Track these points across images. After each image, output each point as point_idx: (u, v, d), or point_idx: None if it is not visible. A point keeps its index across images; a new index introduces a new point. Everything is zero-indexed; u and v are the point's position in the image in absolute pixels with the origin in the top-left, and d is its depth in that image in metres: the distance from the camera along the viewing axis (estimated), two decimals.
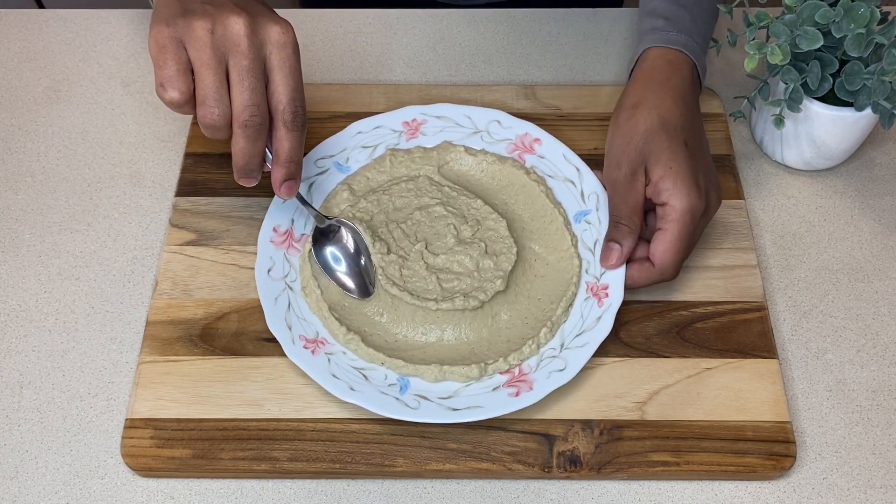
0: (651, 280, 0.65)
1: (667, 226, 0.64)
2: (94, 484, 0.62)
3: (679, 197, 0.64)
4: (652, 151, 0.65)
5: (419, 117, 0.75)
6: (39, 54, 0.85)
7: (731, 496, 0.62)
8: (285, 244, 0.68)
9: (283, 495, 0.62)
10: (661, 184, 0.65)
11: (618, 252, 0.66)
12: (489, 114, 0.75)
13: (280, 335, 0.63)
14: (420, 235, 0.69)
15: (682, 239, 0.64)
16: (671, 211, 0.64)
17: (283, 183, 0.62)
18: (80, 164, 0.77)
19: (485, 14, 0.89)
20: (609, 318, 0.65)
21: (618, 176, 0.66)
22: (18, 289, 0.70)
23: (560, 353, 0.64)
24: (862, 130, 0.72)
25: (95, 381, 0.66)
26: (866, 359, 0.67)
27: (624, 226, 0.66)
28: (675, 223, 0.64)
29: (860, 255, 0.72)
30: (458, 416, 0.61)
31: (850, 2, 0.65)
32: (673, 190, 0.64)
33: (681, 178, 0.64)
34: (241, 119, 0.58)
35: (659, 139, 0.65)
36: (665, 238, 0.64)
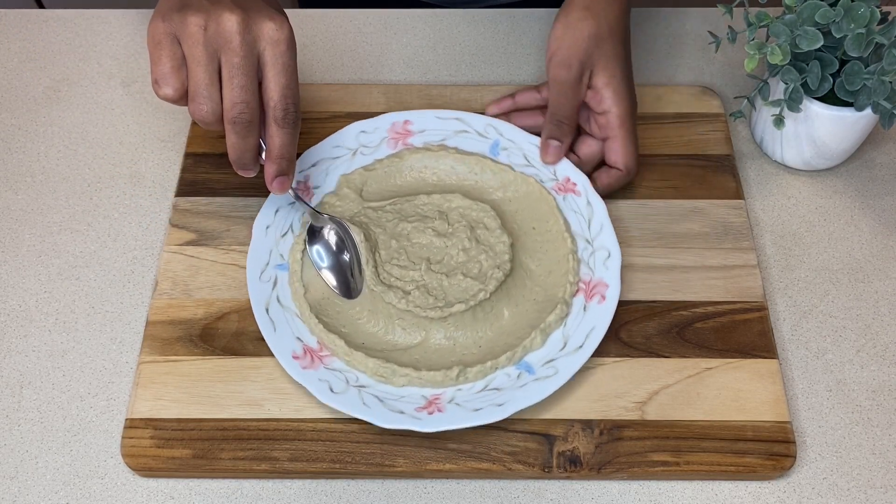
0: (621, 182, 0.71)
1: (615, 131, 0.70)
2: (94, 484, 0.62)
3: (621, 103, 0.69)
4: (600, 58, 0.69)
5: (300, 178, 0.72)
6: (39, 54, 0.85)
7: (731, 496, 0.62)
8: (315, 362, 0.65)
9: (283, 495, 0.62)
10: (604, 91, 0.69)
11: (557, 147, 0.71)
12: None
13: (406, 424, 0.61)
14: (419, 249, 0.69)
15: (631, 137, 0.70)
16: (613, 117, 0.69)
17: (275, 179, 0.63)
18: (80, 164, 0.78)
19: (485, 14, 0.89)
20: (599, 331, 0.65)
21: (567, 77, 0.69)
22: (18, 289, 0.70)
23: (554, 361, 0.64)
24: (862, 130, 0.72)
25: (95, 381, 0.66)
26: (866, 359, 0.67)
27: (565, 125, 0.71)
28: (621, 127, 0.70)
29: (860, 255, 0.72)
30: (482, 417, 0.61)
31: (850, 2, 0.65)
32: (614, 97, 0.69)
33: (622, 85, 0.69)
34: (229, 115, 0.59)
35: (607, 46, 0.69)
36: (618, 143, 0.70)
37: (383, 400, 0.62)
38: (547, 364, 0.64)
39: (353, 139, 0.74)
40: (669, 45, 0.86)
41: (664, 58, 0.85)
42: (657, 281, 0.69)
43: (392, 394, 0.63)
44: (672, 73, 0.84)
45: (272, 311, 0.65)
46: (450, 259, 0.68)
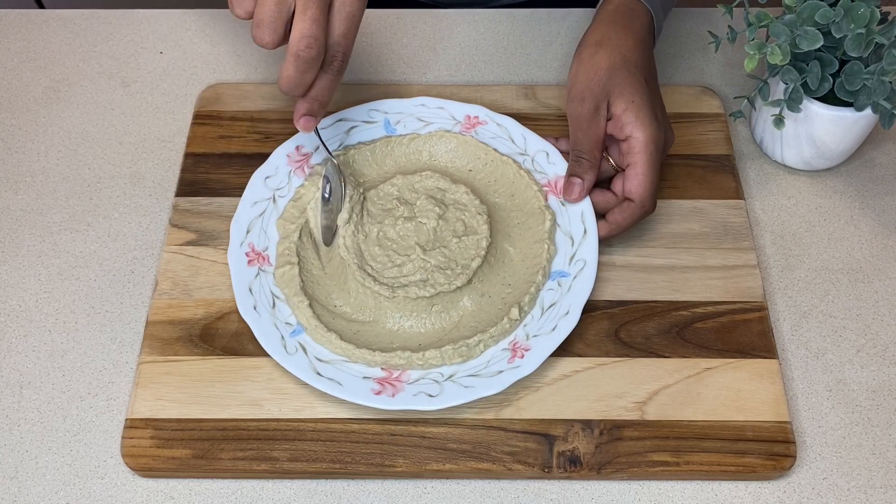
0: (634, 216, 0.68)
1: (634, 159, 0.67)
2: (94, 484, 0.62)
3: (642, 128, 0.66)
4: (615, 86, 0.68)
5: (481, 116, 0.75)
6: (39, 54, 0.85)
7: (731, 496, 0.62)
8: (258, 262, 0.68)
9: (283, 495, 0.62)
10: (623, 117, 0.67)
11: (579, 186, 0.68)
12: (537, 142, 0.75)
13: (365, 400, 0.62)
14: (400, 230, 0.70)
15: (652, 168, 0.67)
16: (636, 143, 0.66)
17: (304, 116, 0.62)
18: (80, 164, 0.78)
19: (485, 14, 0.89)
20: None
21: (581, 111, 0.68)
22: (18, 289, 0.70)
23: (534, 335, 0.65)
24: (862, 130, 0.72)
25: (95, 381, 0.66)
26: (866, 359, 0.67)
27: (585, 160, 0.68)
28: (641, 154, 0.66)
29: (860, 255, 0.72)
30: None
31: (850, 2, 0.65)
32: (636, 122, 0.66)
33: (643, 111, 0.67)
34: (295, 48, 0.58)
35: (622, 75, 0.68)
36: (636, 171, 0.67)
37: (477, 374, 0.63)
38: (572, 262, 0.67)
39: (263, 186, 0.72)
40: (669, 45, 0.86)
41: (664, 58, 0.85)
42: (657, 281, 0.69)
43: (477, 365, 0.63)
44: (672, 73, 0.84)
45: (322, 371, 0.63)
46: (429, 242, 0.69)
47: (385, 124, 0.75)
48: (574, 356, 0.66)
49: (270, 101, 0.79)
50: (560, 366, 0.65)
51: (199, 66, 0.84)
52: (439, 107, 0.76)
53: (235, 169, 0.75)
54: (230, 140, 0.77)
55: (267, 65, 0.84)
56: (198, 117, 0.79)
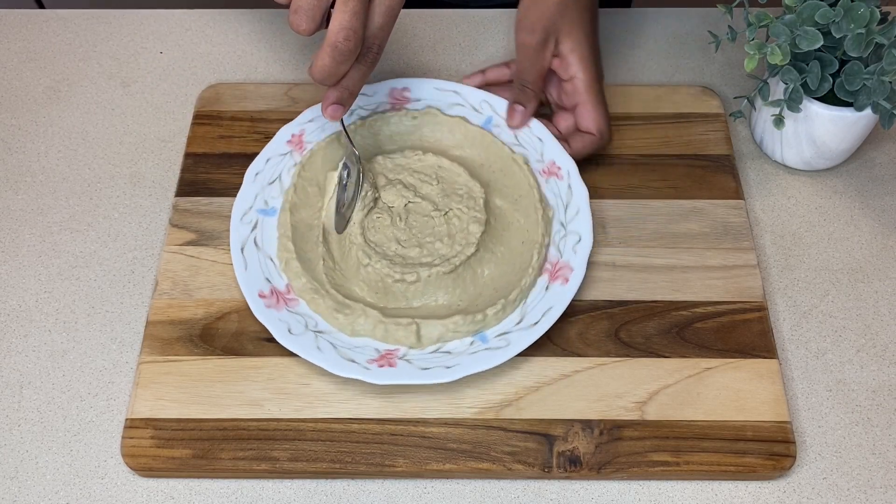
0: (595, 147, 0.73)
1: (582, 98, 0.71)
2: (94, 484, 0.62)
3: (586, 69, 0.71)
4: (565, 24, 0.70)
5: (296, 131, 0.74)
6: (39, 54, 0.85)
7: (731, 496, 0.62)
8: (280, 303, 0.67)
9: (283, 495, 0.62)
10: (570, 57, 0.71)
11: (521, 113, 0.72)
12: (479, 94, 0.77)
13: (356, 374, 0.63)
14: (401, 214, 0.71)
15: (600, 102, 0.72)
16: (580, 83, 0.71)
17: (332, 105, 0.63)
18: (80, 164, 0.78)
19: (485, 14, 0.89)
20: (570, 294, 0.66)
21: (531, 41, 0.71)
22: (18, 289, 0.70)
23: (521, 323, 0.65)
24: (862, 130, 0.72)
25: (95, 381, 0.66)
26: (866, 359, 0.67)
27: (529, 90, 0.72)
28: (589, 93, 0.71)
29: (860, 255, 0.72)
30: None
31: (850, 2, 0.65)
32: (580, 63, 0.71)
33: (588, 51, 0.71)
34: (333, 39, 0.58)
35: (572, 14, 0.70)
36: (588, 108, 0.71)
37: (337, 347, 0.64)
38: (500, 336, 0.65)
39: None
40: (669, 45, 0.86)
41: (664, 58, 0.85)
42: (657, 281, 0.69)
43: (346, 342, 0.64)
44: (672, 73, 0.84)
45: (247, 250, 0.67)
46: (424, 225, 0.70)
47: (487, 121, 0.76)
48: (574, 356, 0.66)
49: (270, 101, 0.79)
50: (560, 366, 0.65)
51: (199, 66, 0.84)
52: (539, 136, 0.74)
53: (235, 169, 0.75)
54: (230, 140, 0.77)
55: (267, 65, 0.84)
56: (198, 117, 0.79)
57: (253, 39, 0.86)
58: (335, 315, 0.65)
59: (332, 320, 0.65)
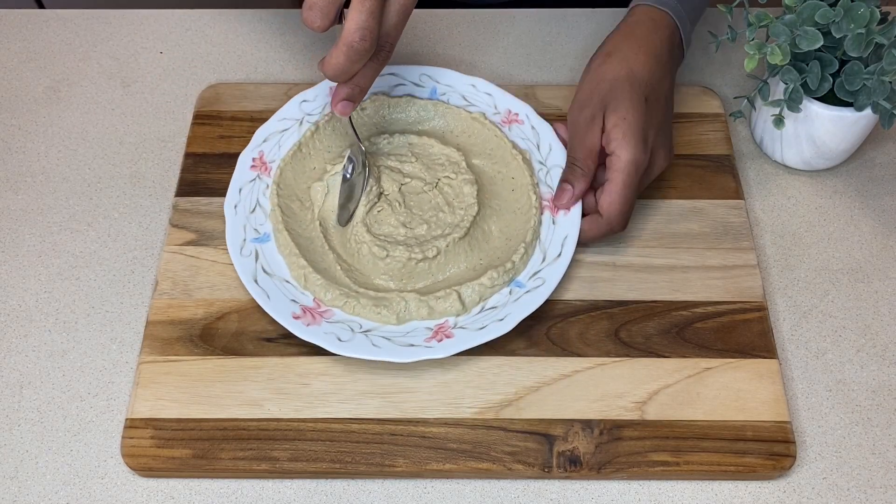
0: (601, 232, 0.68)
1: (612, 175, 0.67)
2: (94, 484, 0.62)
3: (626, 148, 0.66)
4: (612, 99, 0.68)
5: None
6: (39, 54, 0.85)
7: (731, 496, 0.62)
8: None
9: (283, 495, 0.62)
10: (612, 132, 0.67)
11: (569, 193, 0.69)
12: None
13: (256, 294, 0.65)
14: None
15: (626, 188, 0.66)
16: (616, 161, 0.66)
17: (342, 101, 0.63)
18: (80, 164, 0.78)
19: (485, 14, 0.89)
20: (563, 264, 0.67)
21: (579, 118, 0.69)
22: (18, 289, 0.70)
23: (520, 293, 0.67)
24: (862, 130, 0.72)
25: (95, 381, 0.66)
26: (866, 359, 0.67)
27: (578, 168, 0.69)
28: (619, 173, 0.66)
29: (860, 255, 0.73)
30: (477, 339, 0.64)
31: (850, 2, 0.65)
32: (621, 140, 0.66)
33: (631, 130, 0.66)
34: (349, 39, 0.58)
35: (622, 89, 0.68)
36: (610, 189, 0.67)
37: (391, 339, 0.64)
38: (534, 277, 0.67)
39: (297, 109, 0.75)
40: None
41: None
42: (657, 281, 0.69)
43: (398, 331, 0.65)
44: None
45: (261, 281, 0.67)
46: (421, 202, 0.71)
47: (432, 92, 0.77)
48: (574, 356, 0.66)
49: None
50: (560, 366, 0.65)
51: (199, 66, 0.84)
52: (487, 92, 0.77)
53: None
54: (230, 140, 0.77)
55: (267, 65, 0.84)
56: (198, 117, 0.79)
57: (253, 39, 0.86)
58: (376, 311, 0.65)
59: (375, 316, 0.65)
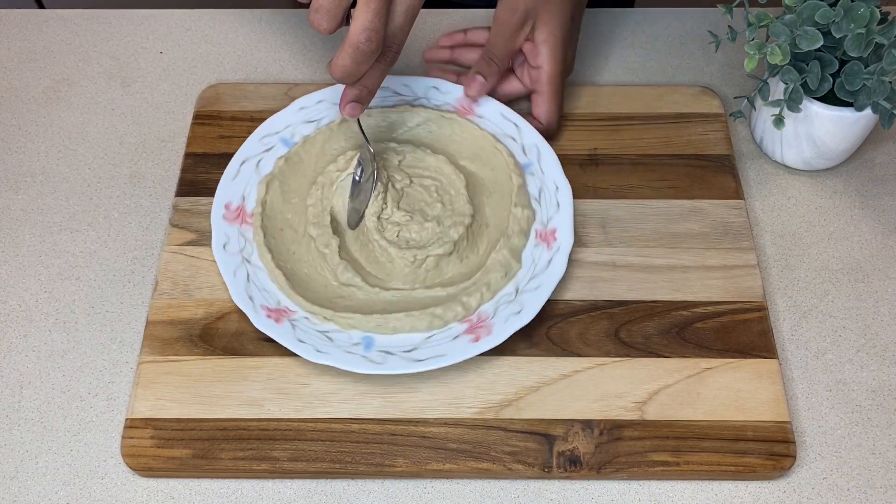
0: (541, 133, 0.73)
1: (542, 88, 0.74)
2: (94, 484, 0.62)
3: (553, 62, 0.73)
4: (544, 13, 0.72)
5: None
6: (39, 54, 0.85)
7: (731, 496, 0.62)
8: (238, 220, 0.69)
9: (283, 495, 0.62)
10: (541, 46, 0.73)
11: (481, 84, 0.74)
12: (426, 81, 0.77)
13: (244, 306, 0.65)
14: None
15: (557, 95, 0.74)
16: (543, 74, 0.73)
17: (350, 103, 0.63)
18: (80, 164, 0.78)
19: (485, 14, 0.88)
20: (560, 260, 0.67)
21: (509, 19, 0.73)
22: (18, 289, 0.70)
23: (516, 298, 0.66)
24: (862, 130, 0.72)
25: (95, 381, 0.66)
26: (866, 359, 0.67)
27: (495, 64, 0.74)
28: (548, 85, 0.73)
29: (860, 255, 0.73)
30: (423, 366, 0.62)
31: (850, 2, 0.65)
32: (549, 55, 0.73)
33: (559, 45, 0.73)
34: (355, 40, 0.58)
35: (555, 4, 0.72)
36: (545, 99, 0.74)
37: (250, 280, 0.66)
38: (382, 352, 0.64)
39: (297, 115, 0.75)
40: (669, 45, 0.86)
41: (664, 58, 0.85)
42: (657, 281, 0.69)
43: (260, 282, 0.66)
44: (672, 73, 0.84)
45: (245, 165, 0.70)
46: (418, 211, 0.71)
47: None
48: (574, 356, 0.66)
49: (270, 101, 0.79)
50: (560, 366, 0.65)
51: (199, 66, 0.84)
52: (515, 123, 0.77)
53: None
54: (230, 140, 0.77)
55: (267, 65, 0.84)
56: (198, 117, 0.79)
57: (253, 39, 0.86)
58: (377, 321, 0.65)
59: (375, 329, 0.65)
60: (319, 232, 0.69)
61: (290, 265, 0.68)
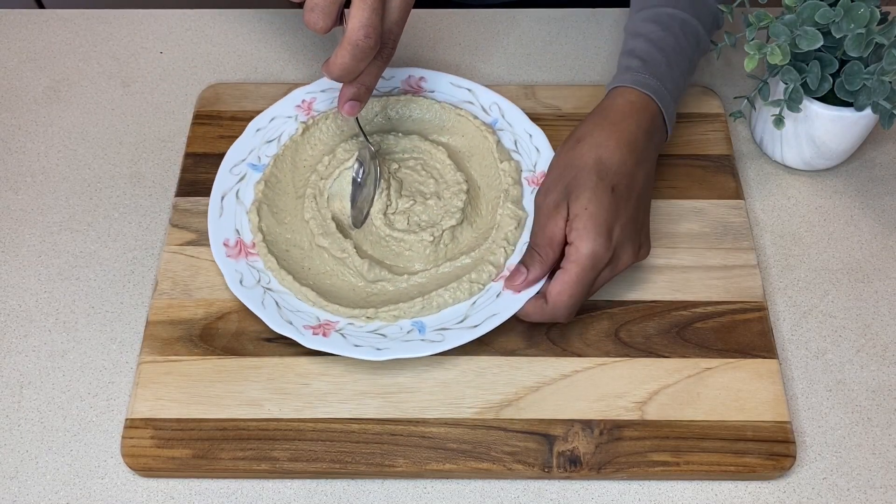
0: (543, 317, 0.64)
1: (566, 265, 0.62)
2: (94, 484, 0.62)
3: (585, 240, 0.62)
4: (576, 188, 0.64)
5: (307, 97, 0.76)
6: (39, 54, 0.85)
7: (731, 496, 0.62)
8: (241, 254, 0.68)
9: (283, 495, 0.62)
10: (573, 222, 0.63)
11: (522, 277, 0.64)
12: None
13: (288, 332, 0.64)
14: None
15: (578, 282, 0.62)
16: (573, 252, 0.62)
17: (348, 102, 0.62)
18: (80, 164, 0.78)
19: (485, 14, 0.89)
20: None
21: (543, 203, 0.66)
22: (18, 289, 0.70)
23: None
24: (862, 130, 0.72)
25: (95, 381, 0.66)
26: (866, 359, 0.67)
27: (537, 254, 0.64)
28: (574, 265, 0.62)
29: (860, 255, 0.73)
30: (482, 329, 0.63)
31: (850, 2, 0.65)
32: (582, 231, 0.62)
33: (593, 222, 0.62)
34: (353, 37, 0.57)
35: (588, 178, 0.64)
36: (562, 278, 0.62)
37: (280, 306, 0.65)
38: (438, 331, 0.64)
39: (255, 137, 0.75)
40: None
41: None
42: (657, 281, 0.69)
43: (290, 304, 0.66)
44: None
45: (226, 199, 0.70)
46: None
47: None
48: (574, 356, 0.66)
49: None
50: (560, 366, 0.65)
51: (199, 66, 0.84)
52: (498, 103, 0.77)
53: None
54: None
55: (267, 65, 0.84)
56: (198, 117, 0.79)
57: (253, 39, 0.86)
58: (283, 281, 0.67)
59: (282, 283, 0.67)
60: (330, 241, 0.68)
61: (311, 280, 0.68)
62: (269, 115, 0.75)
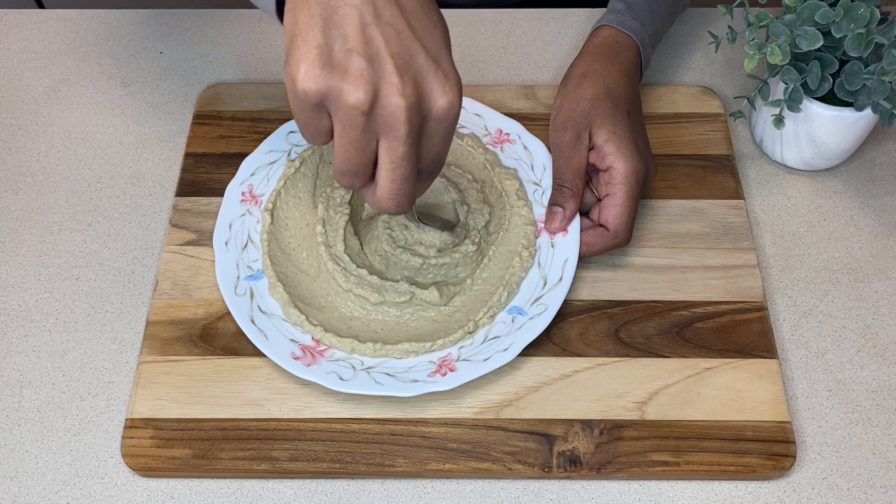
0: (606, 245, 0.67)
1: (614, 189, 0.66)
2: (94, 484, 0.62)
3: (623, 160, 0.66)
4: (597, 116, 0.67)
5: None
6: (39, 54, 0.85)
7: (731, 496, 0.62)
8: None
9: (283, 495, 0.62)
10: (605, 147, 0.66)
11: (560, 215, 0.68)
12: None
13: (328, 383, 0.62)
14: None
15: (630, 200, 0.66)
16: (616, 174, 0.66)
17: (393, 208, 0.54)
18: (80, 164, 0.78)
19: (485, 14, 0.89)
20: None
21: (563, 139, 0.68)
22: (18, 289, 0.70)
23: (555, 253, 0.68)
24: (862, 130, 0.72)
25: (95, 381, 0.66)
26: (866, 359, 0.67)
27: (567, 189, 0.68)
28: (621, 185, 0.66)
29: (860, 255, 0.73)
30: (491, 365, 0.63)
31: (850, 2, 0.65)
32: (617, 153, 0.66)
33: (624, 142, 0.66)
34: (384, 203, 0.52)
35: (604, 106, 0.68)
36: (614, 202, 0.66)
37: (394, 375, 0.63)
38: (535, 303, 0.65)
39: (285, 140, 0.74)
40: (669, 45, 0.86)
41: (664, 58, 0.85)
42: (657, 281, 0.69)
43: (400, 367, 0.63)
44: (672, 73, 0.84)
45: (258, 321, 0.65)
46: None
47: None
48: (574, 356, 0.66)
49: (270, 101, 0.79)
50: (560, 366, 0.65)
51: (199, 66, 0.84)
52: (476, 113, 0.76)
53: (235, 169, 0.74)
54: (230, 140, 0.77)
55: (267, 65, 0.84)
56: (198, 117, 0.79)
57: (253, 39, 0.86)
58: (375, 348, 0.64)
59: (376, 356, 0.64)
60: (362, 291, 0.66)
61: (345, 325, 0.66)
62: (225, 223, 0.70)
